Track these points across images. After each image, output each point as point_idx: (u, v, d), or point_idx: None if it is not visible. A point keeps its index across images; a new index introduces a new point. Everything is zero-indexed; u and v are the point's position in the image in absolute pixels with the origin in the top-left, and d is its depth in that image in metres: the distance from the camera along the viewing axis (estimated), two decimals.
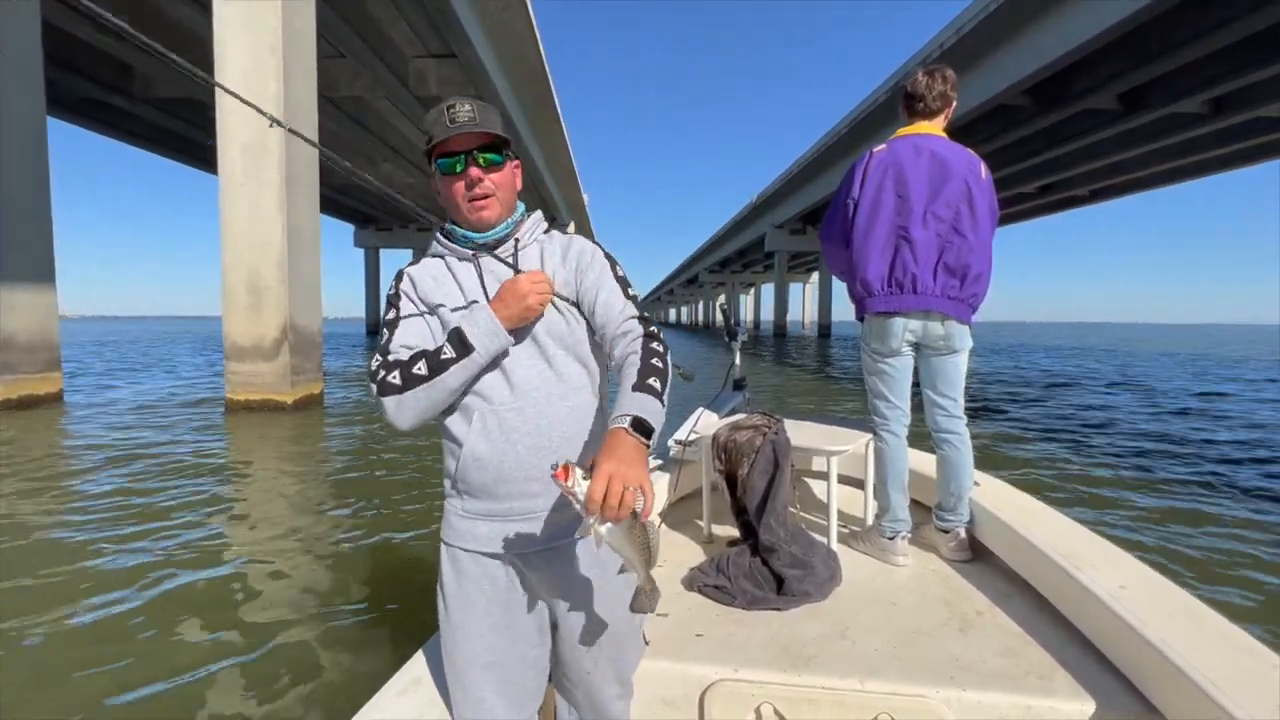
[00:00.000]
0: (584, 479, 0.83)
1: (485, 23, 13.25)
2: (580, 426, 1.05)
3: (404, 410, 0.98)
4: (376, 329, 39.91)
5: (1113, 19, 11.03)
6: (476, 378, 1.01)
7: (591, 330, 1.08)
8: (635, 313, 1.05)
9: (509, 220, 1.09)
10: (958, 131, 18.45)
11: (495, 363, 1.02)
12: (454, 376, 0.98)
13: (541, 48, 15.07)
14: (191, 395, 10.02)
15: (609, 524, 0.82)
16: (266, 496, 4.47)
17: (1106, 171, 22.13)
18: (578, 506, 0.82)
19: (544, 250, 1.10)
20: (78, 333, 44.98)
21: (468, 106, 1.01)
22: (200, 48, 11.43)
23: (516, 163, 1.10)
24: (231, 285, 8.17)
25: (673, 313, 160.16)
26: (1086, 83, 14.43)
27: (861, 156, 2.07)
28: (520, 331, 1.02)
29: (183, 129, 16.46)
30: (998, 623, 1.58)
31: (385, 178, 24.26)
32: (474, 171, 1.02)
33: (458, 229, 1.09)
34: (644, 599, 0.93)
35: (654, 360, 0.98)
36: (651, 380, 0.95)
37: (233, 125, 8.06)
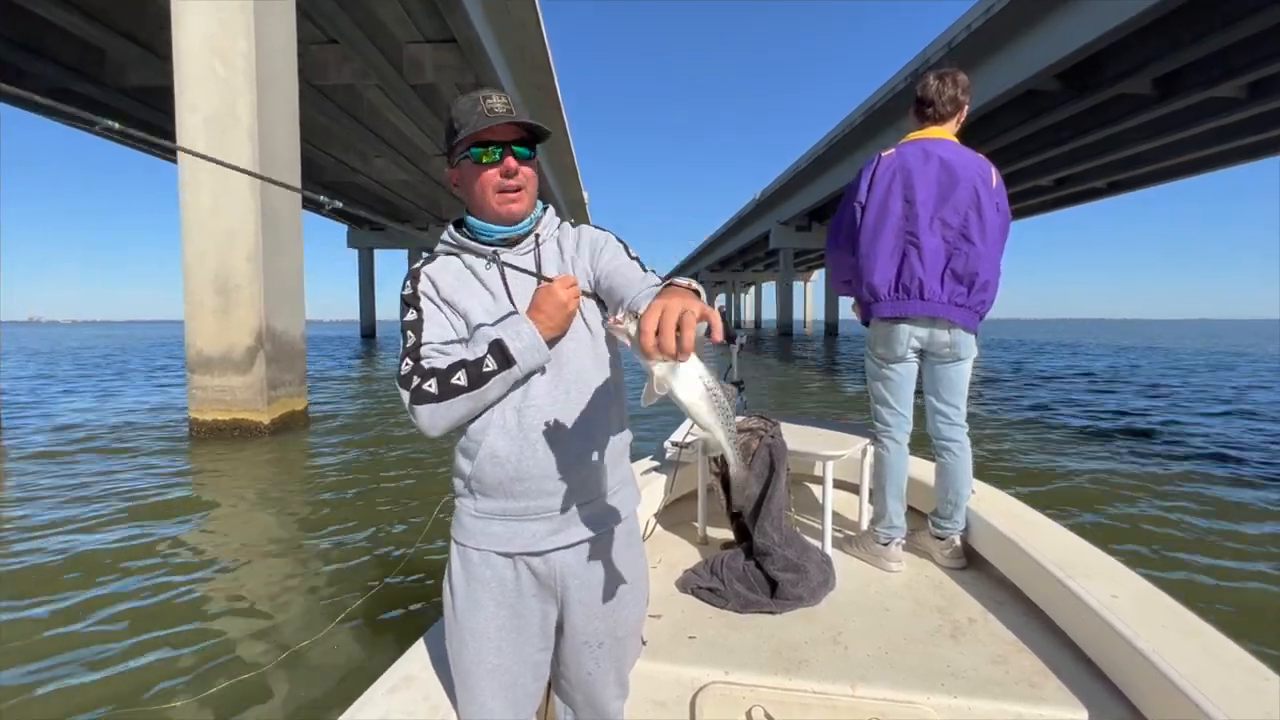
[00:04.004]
0: (633, 319, 0.72)
1: (488, 7, 12.45)
2: (597, 424, 1.07)
3: (438, 420, 0.99)
4: (372, 332, 39.78)
5: None
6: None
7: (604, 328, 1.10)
8: (656, 281, 1.03)
9: (532, 216, 1.10)
10: (982, 121, 17.74)
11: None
12: (494, 389, 0.99)
13: (545, 35, 14.28)
14: (151, 413, 9.09)
15: (674, 367, 0.68)
16: (240, 522, 4.28)
17: (1129, 162, 21.41)
18: (629, 344, 0.72)
19: (561, 244, 1.13)
20: (41, 339, 44.14)
21: (503, 99, 1.03)
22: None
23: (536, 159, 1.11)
24: (195, 284, 7.14)
25: None
26: (1122, 66, 13.72)
27: (870, 160, 2.10)
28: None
29: (160, 120, 15.47)
30: (990, 630, 1.61)
31: (378, 174, 23.27)
32: (510, 161, 1.03)
33: (478, 222, 1.09)
34: (741, 482, 0.83)
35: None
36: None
37: (194, 92, 6.96)
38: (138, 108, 15.27)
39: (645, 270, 1.08)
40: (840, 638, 1.57)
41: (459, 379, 0.97)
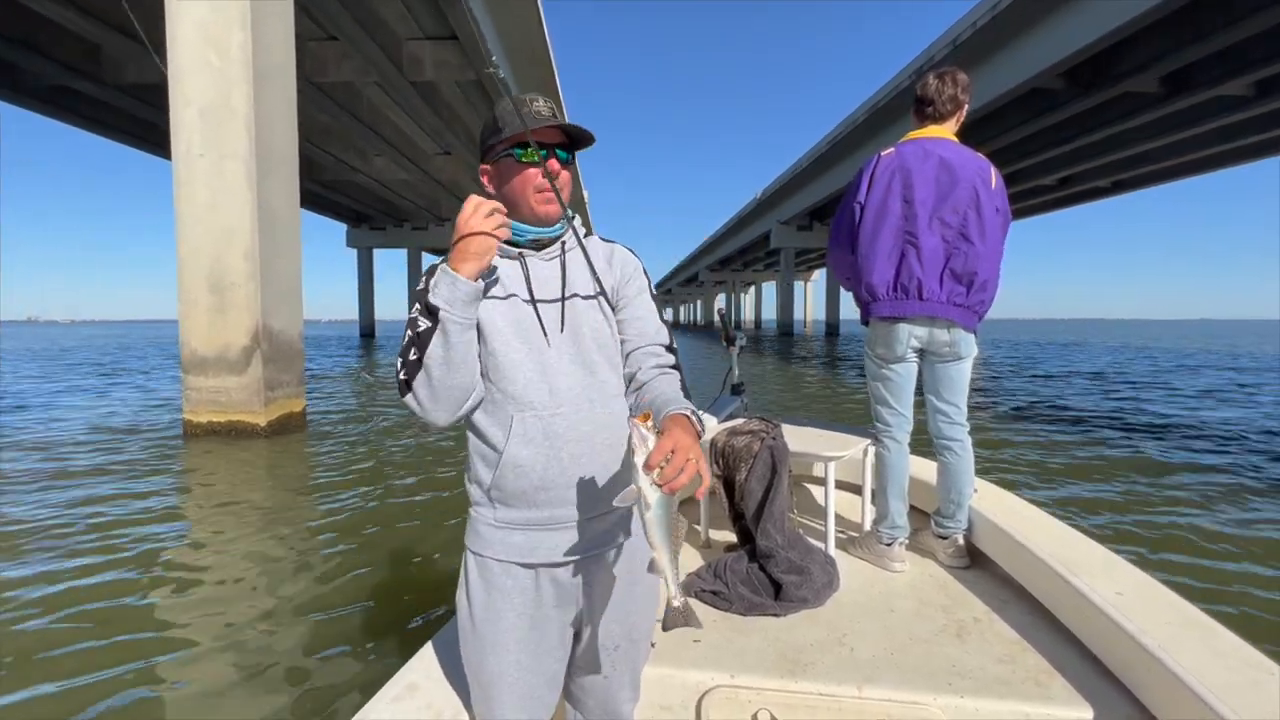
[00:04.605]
0: (654, 433, 0.83)
1: (489, 3, 12.45)
2: (620, 433, 1.06)
3: (423, 404, 0.98)
4: (371, 331, 39.65)
5: None
6: (509, 357, 1.03)
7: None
8: (667, 340, 1.11)
9: (563, 221, 1.11)
10: (986, 119, 17.58)
11: (538, 367, 1.03)
12: (436, 346, 0.96)
13: (546, 32, 14.17)
14: (145, 414, 8.85)
15: (659, 493, 0.81)
16: (235, 526, 4.14)
17: (1133, 161, 21.29)
18: (639, 457, 0.81)
19: (589, 252, 1.11)
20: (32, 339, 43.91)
21: (549, 103, 1.05)
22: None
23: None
24: (189, 282, 6.95)
25: (669, 313, 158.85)
26: (1128, 64, 13.57)
27: (869, 160, 2.11)
28: (566, 335, 1.05)
29: (158, 117, 15.37)
30: (995, 629, 1.61)
31: (378, 173, 23.16)
32: (554, 163, 1.05)
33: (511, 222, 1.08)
34: (677, 614, 0.90)
35: (687, 396, 1.02)
36: (690, 404, 0.98)
37: (189, 84, 6.76)
38: (136, 105, 15.17)
39: (661, 319, 1.13)
40: (845, 639, 1.57)
41: (413, 353, 0.96)
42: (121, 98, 14.75)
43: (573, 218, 1.13)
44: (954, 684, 1.36)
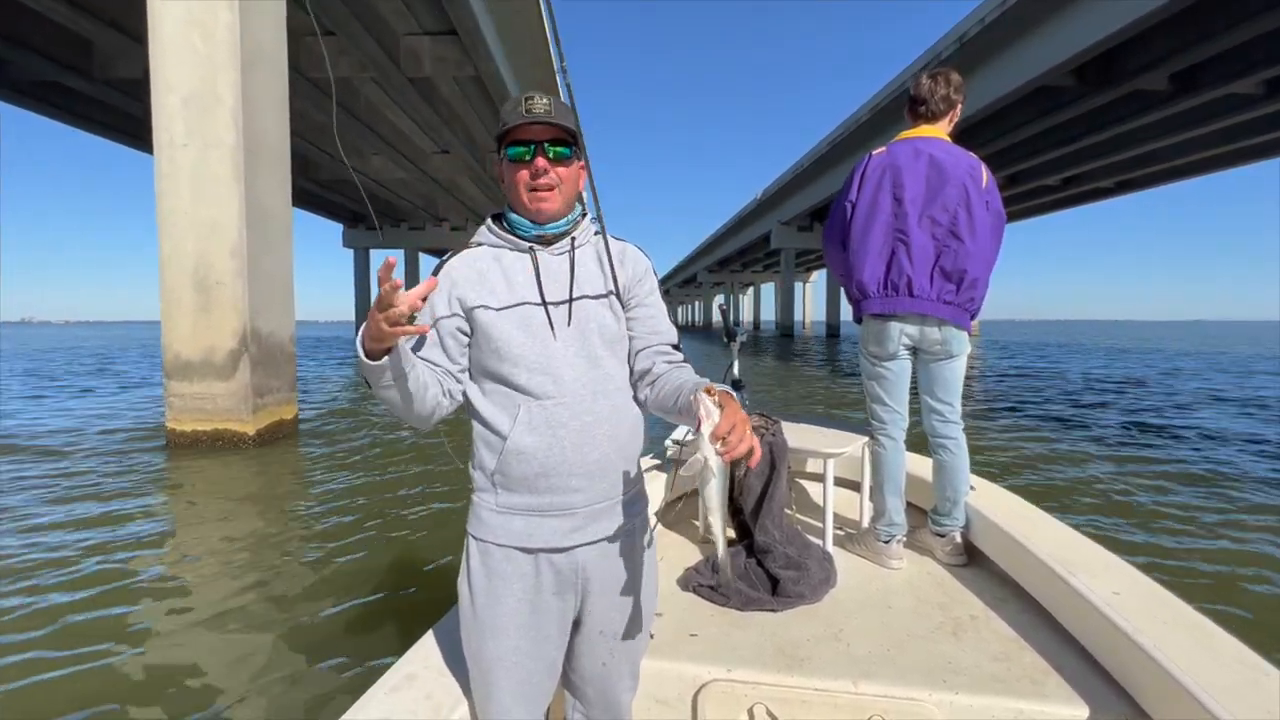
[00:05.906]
0: (718, 406, 0.89)
1: None
2: (621, 425, 1.10)
3: (398, 420, 1.07)
4: None
5: None
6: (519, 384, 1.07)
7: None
8: (674, 340, 1.17)
9: (568, 218, 1.13)
10: (992, 119, 17.28)
11: (543, 359, 1.07)
12: (382, 403, 1.02)
13: (547, 26, 13.78)
14: (126, 422, 8.44)
15: (720, 461, 0.87)
16: (225, 537, 3.99)
17: (1138, 161, 21.12)
18: (706, 426, 0.87)
19: (599, 251, 1.16)
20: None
21: (545, 100, 1.07)
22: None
23: (581, 163, 1.15)
24: (172, 280, 6.53)
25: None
26: (1137, 62, 13.32)
27: (862, 159, 2.15)
28: (572, 330, 1.08)
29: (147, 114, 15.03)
30: (992, 627, 1.62)
31: (375, 172, 22.84)
32: (540, 162, 1.07)
33: (515, 217, 1.13)
34: (728, 565, 0.98)
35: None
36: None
37: (171, 69, 6.36)
38: (127, 101, 14.85)
39: (669, 320, 1.18)
40: (842, 635, 1.58)
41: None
42: (112, 94, 14.54)
43: (583, 215, 1.15)
44: (949, 681, 1.37)
